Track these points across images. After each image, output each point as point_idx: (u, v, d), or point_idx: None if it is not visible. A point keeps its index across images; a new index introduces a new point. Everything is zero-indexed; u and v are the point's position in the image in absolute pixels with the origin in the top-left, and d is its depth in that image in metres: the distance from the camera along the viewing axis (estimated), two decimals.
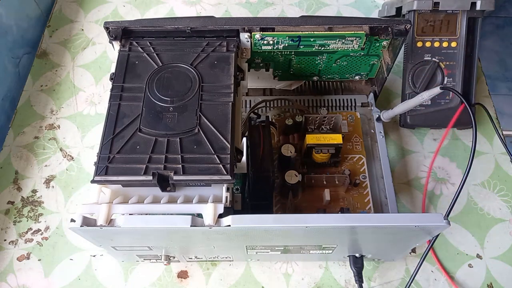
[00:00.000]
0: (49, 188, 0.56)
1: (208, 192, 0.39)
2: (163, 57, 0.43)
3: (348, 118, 0.56)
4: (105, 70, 0.66)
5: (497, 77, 1.34)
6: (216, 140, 0.38)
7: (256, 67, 0.53)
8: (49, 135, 0.60)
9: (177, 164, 0.37)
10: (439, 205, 0.54)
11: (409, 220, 0.36)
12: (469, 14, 0.55)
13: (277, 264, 0.51)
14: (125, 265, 0.51)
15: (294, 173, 0.48)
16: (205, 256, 0.48)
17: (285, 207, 0.50)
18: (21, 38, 0.67)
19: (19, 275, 0.50)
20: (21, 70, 0.66)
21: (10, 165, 0.58)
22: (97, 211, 0.36)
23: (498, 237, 0.52)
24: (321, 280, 0.50)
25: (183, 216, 0.35)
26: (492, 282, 0.50)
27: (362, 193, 0.51)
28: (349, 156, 0.53)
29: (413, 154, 0.58)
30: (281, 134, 0.55)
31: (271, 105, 0.58)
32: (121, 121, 0.39)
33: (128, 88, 0.41)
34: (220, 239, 0.40)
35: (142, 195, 0.39)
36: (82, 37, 0.70)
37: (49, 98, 0.63)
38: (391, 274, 0.50)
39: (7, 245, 0.52)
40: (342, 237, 0.41)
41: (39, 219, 0.54)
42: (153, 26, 0.45)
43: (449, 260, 0.51)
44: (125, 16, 0.72)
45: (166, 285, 0.50)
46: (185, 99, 0.40)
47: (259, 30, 0.45)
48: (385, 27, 0.46)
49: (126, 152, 0.38)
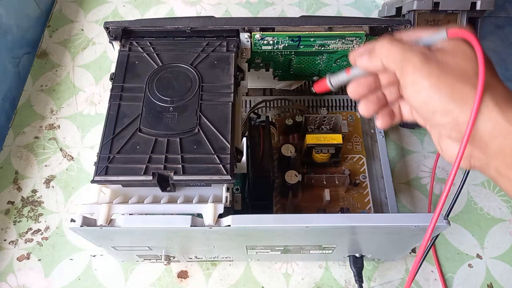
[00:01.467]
0: (49, 188, 0.56)
1: (208, 192, 0.39)
2: (163, 57, 0.43)
3: (348, 118, 0.56)
4: (105, 70, 0.66)
5: None
6: (216, 140, 0.38)
7: (256, 67, 0.53)
8: (49, 135, 0.60)
9: (177, 164, 0.37)
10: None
11: (409, 220, 0.36)
12: (469, 14, 0.55)
13: (277, 264, 0.51)
14: (125, 265, 0.51)
15: (294, 173, 0.48)
16: (205, 256, 0.48)
17: (285, 207, 0.50)
18: (21, 38, 0.67)
19: (19, 275, 0.50)
20: (21, 70, 0.66)
21: (10, 165, 0.58)
22: (97, 211, 0.36)
23: (498, 237, 0.52)
24: (321, 280, 0.50)
25: (183, 216, 0.35)
26: (492, 282, 0.50)
27: (362, 193, 0.51)
28: (349, 156, 0.53)
29: (413, 154, 0.58)
30: (281, 134, 0.55)
31: (271, 105, 0.58)
32: (121, 121, 0.39)
33: (128, 88, 0.41)
34: (220, 239, 0.40)
35: (142, 195, 0.39)
36: (82, 37, 0.70)
37: (49, 98, 0.63)
38: (391, 274, 0.50)
39: (7, 245, 0.52)
40: (342, 237, 0.41)
41: (39, 219, 0.54)
42: (153, 26, 0.45)
43: (449, 260, 0.51)
44: (125, 16, 0.72)
45: (166, 285, 0.50)
46: (185, 99, 0.40)
47: (259, 30, 0.45)
48: (385, 27, 0.46)
49: (126, 152, 0.38)
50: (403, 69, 0.25)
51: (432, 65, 0.24)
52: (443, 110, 0.23)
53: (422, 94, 0.24)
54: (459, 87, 0.23)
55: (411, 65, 0.24)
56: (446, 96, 0.23)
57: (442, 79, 0.23)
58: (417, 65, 0.24)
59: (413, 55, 0.24)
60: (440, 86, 0.23)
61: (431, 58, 0.24)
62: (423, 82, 0.24)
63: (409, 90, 0.25)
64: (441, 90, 0.23)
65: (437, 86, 0.23)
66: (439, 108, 0.23)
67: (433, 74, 0.23)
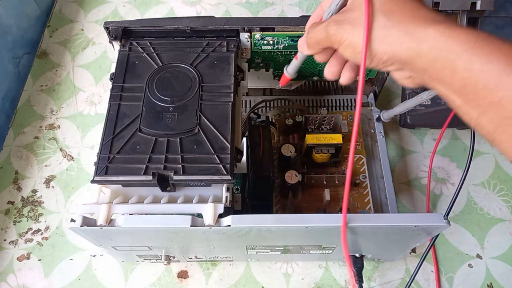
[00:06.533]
0: (49, 188, 0.56)
1: (208, 192, 0.39)
2: (163, 57, 0.43)
3: (348, 118, 0.56)
4: (105, 70, 0.66)
5: None
6: (216, 140, 0.38)
7: (256, 67, 0.53)
8: (49, 135, 0.60)
9: (177, 164, 0.37)
10: (439, 205, 0.54)
11: (409, 220, 0.36)
12: (469, 14, 0.55)
13: (277, 264, 0.51)
14: (125, 265, 0.51)
15: (294, 173, 0.48)
16: (205, 256, 0.48)
17: (285, 207, 0.50)
18: (21, 38, 0.67)
19: (19, 275, 0.50)
20: (21, 70, 0.66)
21: (10, 165, 0.58)
22: (97, 211, 0.36)
23: (498, 237, 0.52)
24: (321, 280, 0.50)
25: (183, 216, 0.35)
26: (492, 282, 0.50)
27: (362, 193, 0.51)
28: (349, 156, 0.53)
29: (413, 154, 0.58)
30: (281, 134, 0.55)
31: (271, 105, 0.58)
32: (121, 121, 0.39)
33: (128, 88, 0.41)
34: (220, 239, 0.40)
35: (142, 195, 0.39)
36: (82, 37, 0.70)
37: (49, 98, 0.63)
38: (391, 274, 0.50)
39: (7, 245, 0.52)
40: None
41: (39, 219, 0.54)
42: (153, 26, 0.45)
43: (449, 260, 0.51)
44: (125, 16, 0.72)
45: (166, 285, 0.50)
46: (185, 99, 0.40)
47: (259, 30, 0.45)
48: None
49: (126, 152, 0.38)
50: (330, 40, 0.31)
51: (344, 26, 0.30)
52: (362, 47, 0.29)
53: (348, 50, 0.30)
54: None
55: (332, 35, 0.31)
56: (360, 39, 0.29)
57: (356, 31, 0.29)
58: (335, 32, 0.31)
59: (329, 27, 0.31)
60: (354, 36, 0.29)
61: (342, 21, 0.31)
62: (345, 41, 0.30)
63: (341, 50, 0.31)
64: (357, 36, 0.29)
65: (353, 38, 0.30)
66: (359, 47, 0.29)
67: (348, 31, 0.30)
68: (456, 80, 0.26)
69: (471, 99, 0.26)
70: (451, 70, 0.26)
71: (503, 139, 0.25)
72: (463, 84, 0.25)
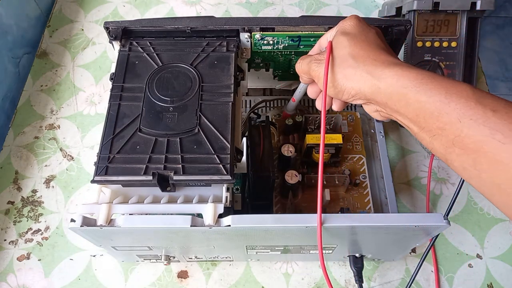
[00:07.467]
0: (49, 188, 0.56)
1: (208, 192, 0.39)
2: (163, 57, 0.43)
3: (348, 118, 0.56)
4: (105, 70, 0.66)
5: (497, 77, 1.34)
6: (216, 140, 0.38)
7: (256, 67, 0.53)
8: (49, 135, 0.60)
9: (177, 164, 0.37)
10: (439, 205, 0.54)
11: (409, 220, 0.36)
12: (469, 14, 0.55)
13: (277, 264, 0.51)
14: (125, 265, 0.51)
15: (294, 173, 0.48)
16: (205, 256, 0.48)
17: (285, 207, 0.50)
18: (21, 38, 0.67)
19: (19, 275, 0.50)
20: (21, 70, 0.66)
21: (10, 165, 0.58)
22: (97, 211, 0.36)
23: (498, 237, 0.52)
24: (321, 280, 0.50)
25: (183, 216, 0.35)
26: (492, 282, 0.50)
27: (362, 193, 0.51)
28: (349, 156, 0.53)
29: (413, 154, 0.58)
30: (281, 134, 0.55)
31: (271, 105, 0.58)
32: (121, 121, 0.39)
33: (128, 88, 0.41)
34: (220, 239, 0.40)
35: (142, 195, 0.39)
36: (82, 37, 0.70)
37: (49, 98, 0.63)
38: (391, 274, 0.50)
39: (7, 245, 0.52)
40: (342, 237, 0.41)
41: (39, 219, 0.54)
42: (153, 26, 0.45)
43: (449, 260, 0.51)
44: (125, 16, 0.72)
45: (166, 285, 0.50)
46: (185, 99, 0.40)
47: (259, 30, 0.45)
48: (385, 27, 0.46)
49: (126, 152, 0.38)
50: (311, 75, 0.38)
51: (322, 64, 0.36)
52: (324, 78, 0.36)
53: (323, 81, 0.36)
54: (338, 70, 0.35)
55: (312, 70, 0.38)
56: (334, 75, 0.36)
57: (330, 69, 0.36)
58: (315, 68, 0.37)
59: (311, 64, 0.38)
60: (329, 73, 0.36)
61: (321, 60, 0.37)
62: (323, 77, 0.36)
63: (319, 84, 0.38)
64: (331, 73, 0.36)
65: (331, 74, 0.36)
66: (333, 82, 0.36)
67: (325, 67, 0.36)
68: (410, 110, 0.31)
69: (423, 126, 0.30)
70: (405, 102, 0.31)
71: (452, 159, 0.29)
72: (416, 114, 0.30)
